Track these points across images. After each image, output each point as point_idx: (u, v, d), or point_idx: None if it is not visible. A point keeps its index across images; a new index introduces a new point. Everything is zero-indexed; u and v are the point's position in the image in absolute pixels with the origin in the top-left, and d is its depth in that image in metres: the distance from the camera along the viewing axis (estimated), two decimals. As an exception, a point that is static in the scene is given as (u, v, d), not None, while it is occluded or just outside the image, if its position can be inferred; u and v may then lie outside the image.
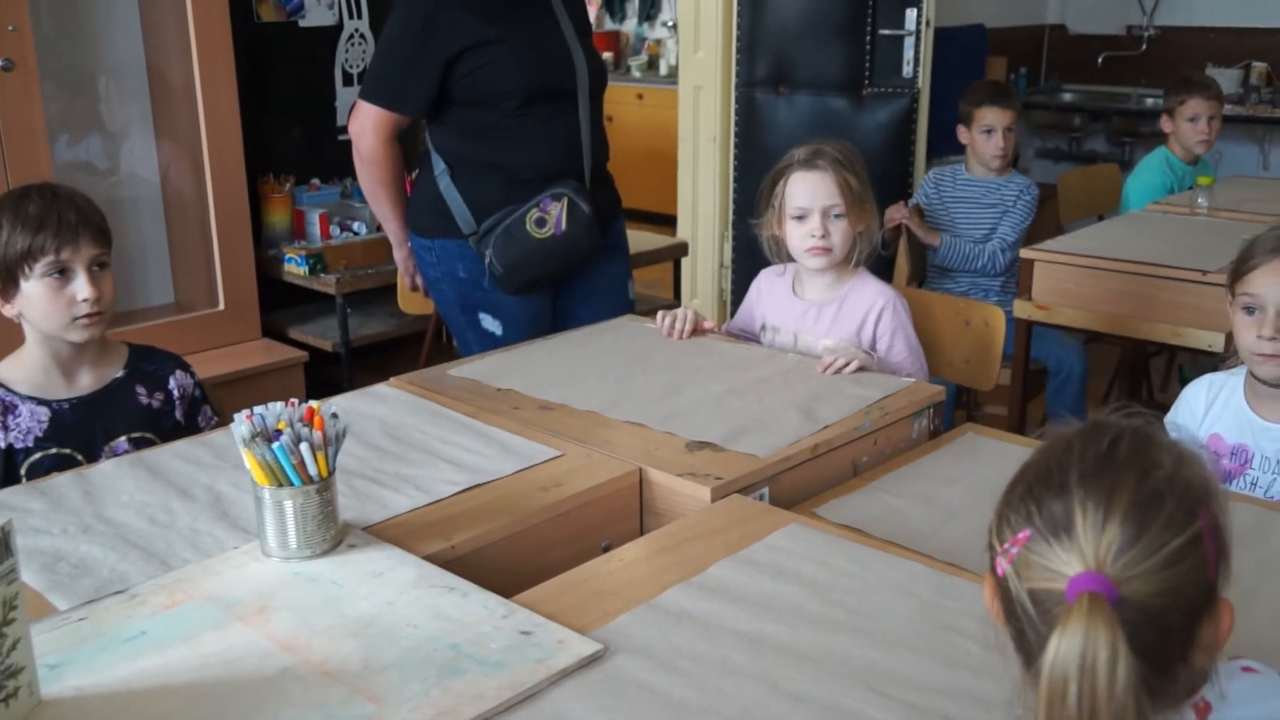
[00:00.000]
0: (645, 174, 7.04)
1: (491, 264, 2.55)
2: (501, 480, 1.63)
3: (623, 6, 7.91)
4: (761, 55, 4.37)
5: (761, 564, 1.39)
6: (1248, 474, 1.91)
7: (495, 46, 2.49)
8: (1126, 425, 0.93)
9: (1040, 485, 0.90)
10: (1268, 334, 1.81)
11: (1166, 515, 0.85)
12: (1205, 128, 3.70)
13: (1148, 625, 0.84)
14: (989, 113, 3.35)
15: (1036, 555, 0.87)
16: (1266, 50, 5.53)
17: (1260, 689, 0.98)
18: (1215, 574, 0.88)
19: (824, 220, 2.17)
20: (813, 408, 1.88)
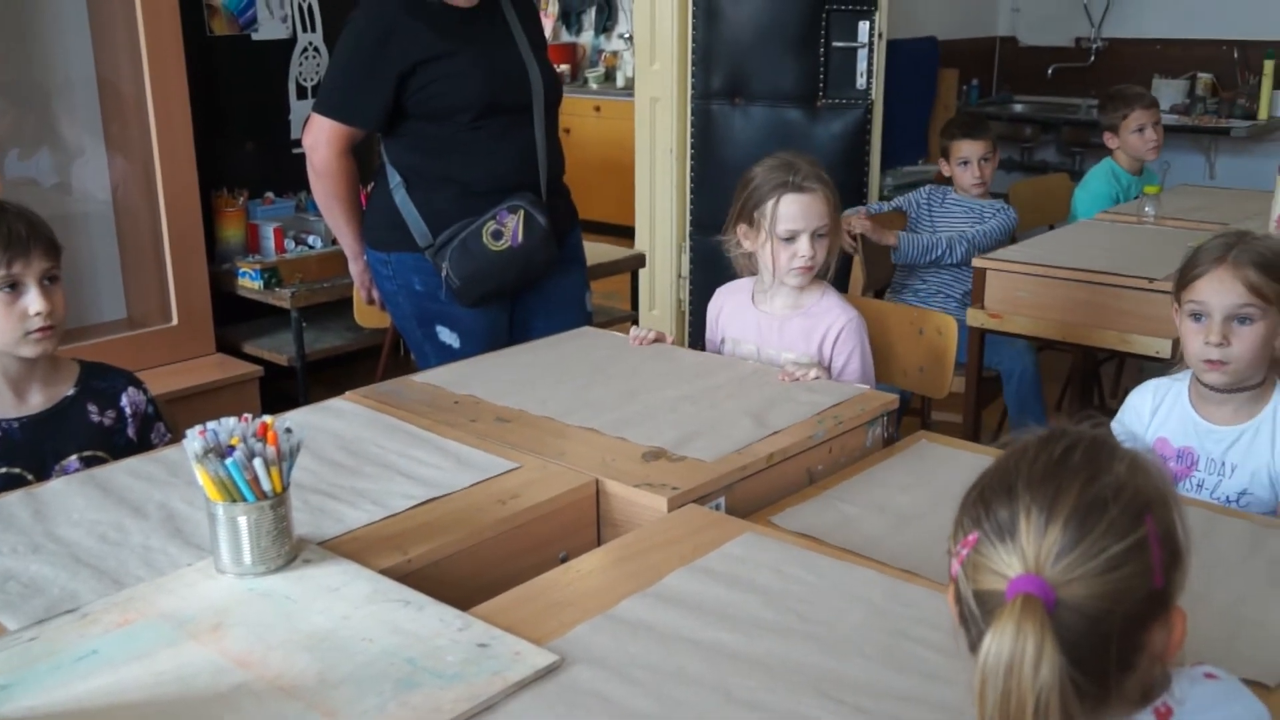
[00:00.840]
0: (603, 186, 7.06)
1: (448, 277, 2.55)
2: (458, 493, 1.63)
3: (579, 19, 7.93)
4: (717, 67, 4.40)
5: (717, 573, 1.40)
6: (1194, 476, 1.94)
7: (449, 60, 2.49)
8: (1084, 433, 0.95)
9: (991, 490, 0.92)
10: (1214, 340, 1.83)
11: (1109, 521, 0.87)
12: (1153, 135, 3.77)
13: (1086, 629, 0.86)
14: (963, 145, 3.47)
15: (983, 557, 0.89)
16: (1211, 61, 5.64)
17: (1221, 695, 1.00)
18: (1163, 581, 0.89)
19: (813, 241, 2.21)
20: (765, 414, 1.90)
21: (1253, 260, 1.82)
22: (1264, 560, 1.52)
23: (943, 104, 5.59)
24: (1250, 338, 1.82)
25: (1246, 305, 1.82)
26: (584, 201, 8.24)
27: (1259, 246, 1.85)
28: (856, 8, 4.25)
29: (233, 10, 3.66)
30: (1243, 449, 1.89)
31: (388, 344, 3.50)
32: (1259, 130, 5.36)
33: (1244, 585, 1.45)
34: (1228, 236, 1.89)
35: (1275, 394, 1.89)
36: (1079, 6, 5.94)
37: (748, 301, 2.34)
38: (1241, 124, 5.29)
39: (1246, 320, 1.83)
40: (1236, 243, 1.86)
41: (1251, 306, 1.82)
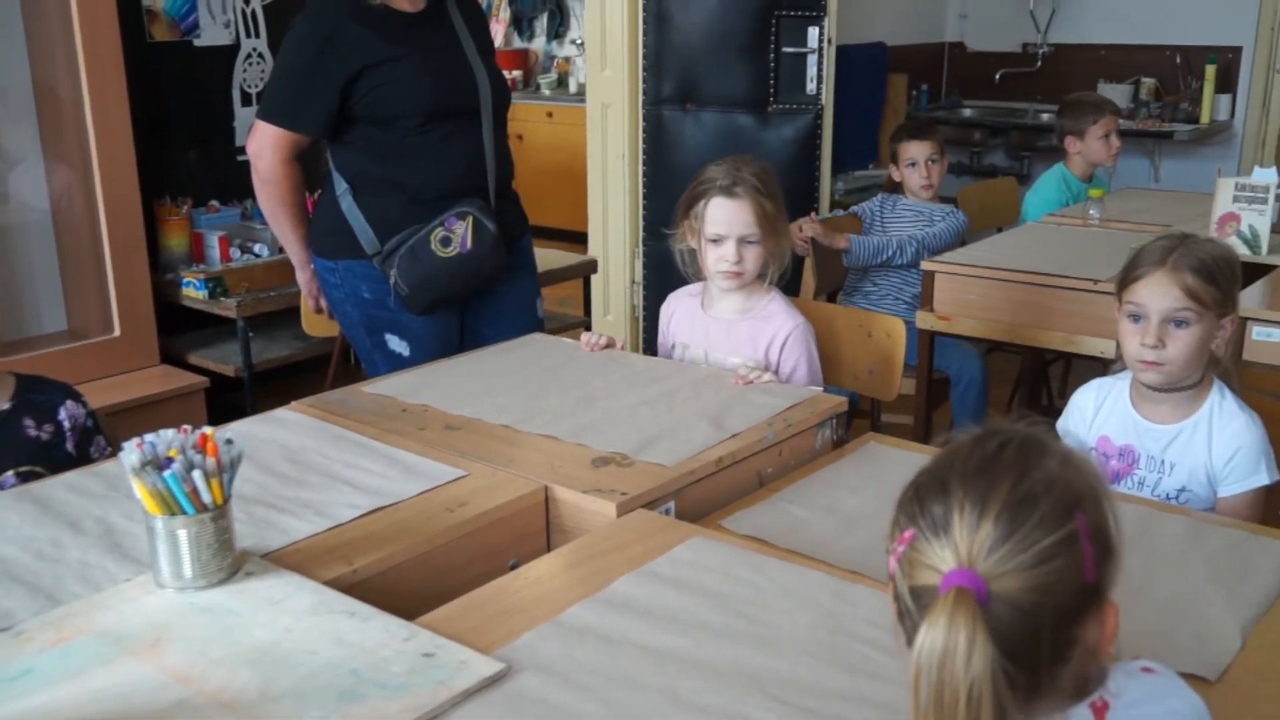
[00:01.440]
0: (556, 191, 7.05)
1: (396, 284, 2.53)
2: (405, 502, 1.61)
3: (531, 25, 7.91)
4: (668, 73, 4.40)
5: (665, 577, 1.39)
6: (1135, 474, 1.97)
7: (395, 65, 2.47)
8: (1017, 431, 0.96)
9: (926, 487, 0.93)
10: (1150, 342, 1.86)
11: (1040, 515, 0.88)
12: (1117, 141, 3.85)
13: (1018, 621, 0.87)
14: (910, 146, 3.51)
15: (918, 553, 0.90)
16: (1155, 66, 5.73)
17: (1158, 689, 1.01)
18: (1095, 575, 0.90)
19: (739, 246, 2.20)
20: (722, 417, 1.90)
21: (1191, 265, 1.85)
22: (1202, 556, 1.54)
23: (892, 109, 5.64)
24: (1186, 340, 1.85)
25: (1183, 309, 1.84)
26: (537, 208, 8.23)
27: (1199, 252, 1.87)
28: (806, 13, 4.27)
29: (173, 16, 3.61)
30: (1181, 447, 1.92)
31: (336, 353, 3.47)
32: (1201, 134, 5.45)
33: (1183, 581, 1.47)
34: (1170, 239, 1.91)
35: (1211, 393, 1.92)
36: (1025, 12, 6.01)
37: (697, 306, 2.35)
38: (1184, 128, 5.38)
39: (1183, 324, 1.85)
40: (1177, 246, 1.88)
41: (1188, 310, 1.84)
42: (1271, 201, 2.93)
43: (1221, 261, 1.87)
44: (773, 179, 2.26)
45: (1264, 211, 2.93)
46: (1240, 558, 1.54)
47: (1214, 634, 1.34)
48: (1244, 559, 1.54)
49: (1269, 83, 5.47)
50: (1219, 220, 2.99)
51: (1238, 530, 1.64)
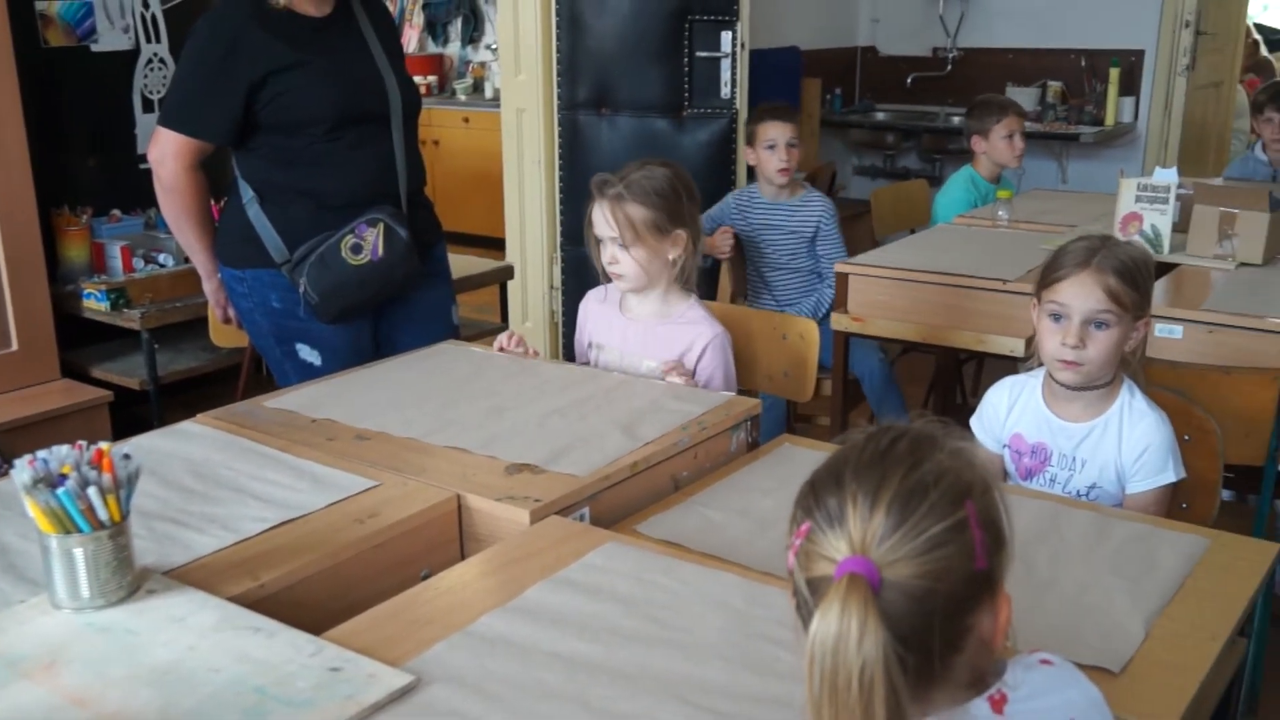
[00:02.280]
0: (474, 197, 7.01)
1: (306, 293, 2.49)
2: (314, 514, 1.58)
3: (445, 29, 7.86)
4: (582, 78, 4.40)
5: (578, 584, 1.38)
6: (1047, 471, 2.00)
7: (301, 70, 2.44)
8: (910, 427, 0.98)
9: (821, 481, 0.96)
10: (1072, 342, 1.87)
11: (930, 504, 0.91)
12: (1020, 142, 3.90)
13: (911, 608, 0.89)
14: (770, 128, 3.44)
15: (814, 545, 0.92)
16: (1061, 70, 5.86)
17: (1056, 680, 1.03)
18: (986, 563, 0.93)
19: (614, 249, 2.22)
20: (635, 425, 1.89)
21: (1114, 267, 1.87)
22: (1108, 549, 1.57)
23: (807, 112, 5.69)
24: (1105, 342, 1.87)
25: (1104, 311, 1.86)
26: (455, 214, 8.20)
27: (1121, 254, 1.89)
28: (718, 18, 4.29)
29: (69, 21, 3.51)
30: (1092, 445, 1.95)
31: (247, 363, 3.40)
32: (1106, 135, 5.59)
33: (1089, 574, 1.50)
34: (1092, 240, 1.93)
35: (1122, 392, 1.95)
36: (935, 18, 6.11)
37: (615, 306, 2.35)
38: (1090, 130, 5.51)
39: (1103, 325, 1.87)
40: (1100, 248, 1.90)
41: (1109, 312, 1.86)
42: (1172, 201, 3.01)
43: (1141, 264, 1.91)
44: (665, 182, 2.24)
45: (1165, 211, 3.01)
46: (1145, 551, 1.57)
47: (1118, 626, 1.37)
48: (1148, 552, 1.57)
49: (1170, 85, 5.63)
50: (1122, 220, 3.06)
51: (1142, 524, 1.67)
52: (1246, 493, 3.36)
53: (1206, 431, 2.00)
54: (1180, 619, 1.40)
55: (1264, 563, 1.56)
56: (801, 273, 3.49)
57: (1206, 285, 2.75)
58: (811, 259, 3.46)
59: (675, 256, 2.25)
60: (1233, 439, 2.07)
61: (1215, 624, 1.39)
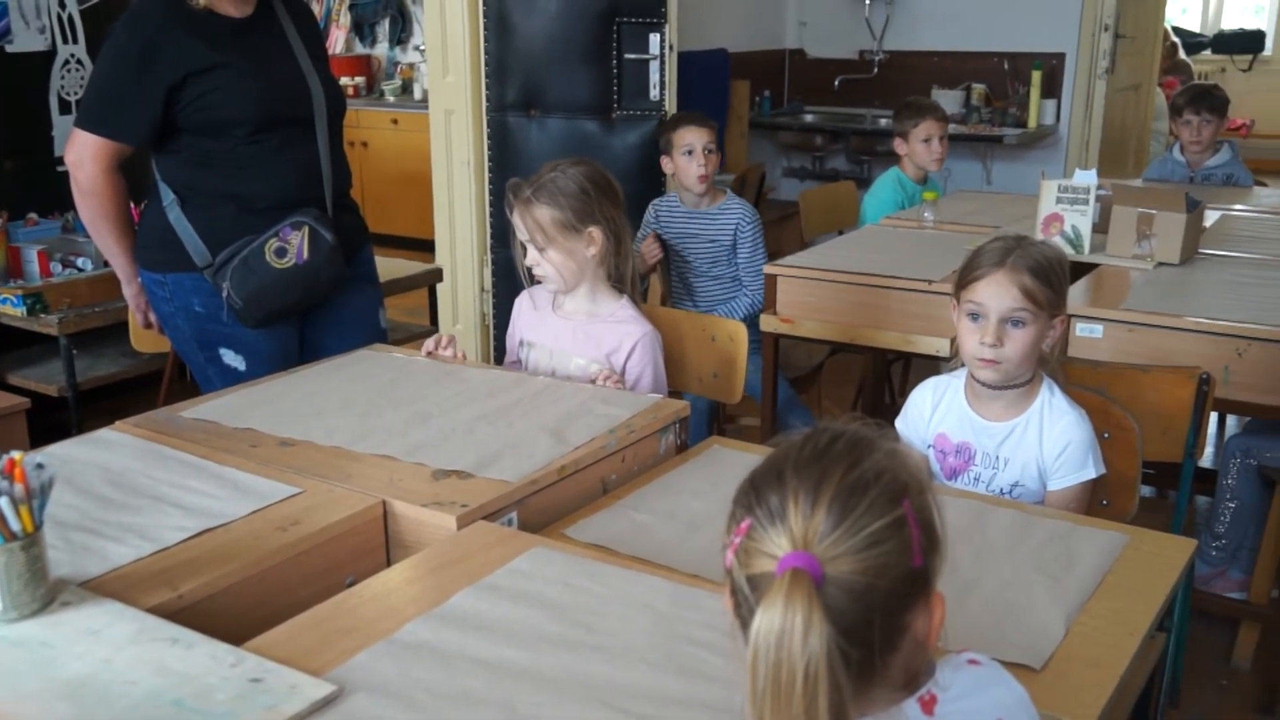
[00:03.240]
0: (404, 200, 6.95)
1: (229, 297, 2.45)
2: (236, 522, 1.55)
3: (373, 30, 7.78)
4: (511, 79, 4.38)
5: (503, 589, 1.37)
6: (971, 470, 2.03)
7: (221, 71, 2.39)
8: (847, 428, 1.00)
9: (762, 478, 0.96)
10: (989, 341, 1.90)
11: (870, 501, 0.92)
12: (938, 147, 3.94)
13: (851, 603, 0.90)
14: (687, 133, 3.40)
15: (755, 541, 0.92)
16: (984, 73, 5.95)
17: (983, 680, 1.04)
18: (922, 561, 0.94)
19: (534, 251, 2.24)
20: (564, 429, 1.88)
21: (1028, 266, 1.90)
22: (1030, 547, 1.60)
23: (736, 115, 5.73)
24: (1022, 340, 1.90)
25: (1020, 309, 1.89)
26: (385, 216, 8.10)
27: (1035, 253, 1.92)
28: (646, 20, 4.30)
29: (-18, 21, 3.43)
30: (1014, 443, 1.98)
31: (169, 369, 3.33)
32: (1029, 137, 5.69)
33: (1011, 572, 1.52)
34: (1007, 240, 1.96)
35: (1042, 390, 1.99)
36: (861, 21, 6.18)
37: (548, 304, 2.35)
38: (1013, 132, 5.60)
39: (1019, 324, 1.90)
40: (1015, 248, 1.93)
41: (1024, 311, 1.89)
42: (1092, 202, 3.07)
43: (1055, 263, 1.94)
44: (574, 182, 2.24)
45: (1085, 212, 3.07)
46: (1066, 548, 1.60)
47: (1040, 624, 1.39)
48: (1069, 549, 1.60)
49: (1091, 87, 5.74)
50: (1044, 221, 3.11)
51: (1063, 522, 1.70)
52: (1166, 489, 3.44)
53: (1125, 429, 2.03)
54: (1100, 615, 1.43)
55: (1181, 558, 1.60)
56: (724, 280, 3.49)
57: (1126, 285, 2.81)
58: (733, 266, 3.46)
59: (593, 254, 2.25)
60: (1151, 436, 2.11)
61: (1134, 620, 1.42)
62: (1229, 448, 2.88)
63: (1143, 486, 3.58)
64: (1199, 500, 3.46)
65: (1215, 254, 3.10)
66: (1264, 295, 2.64)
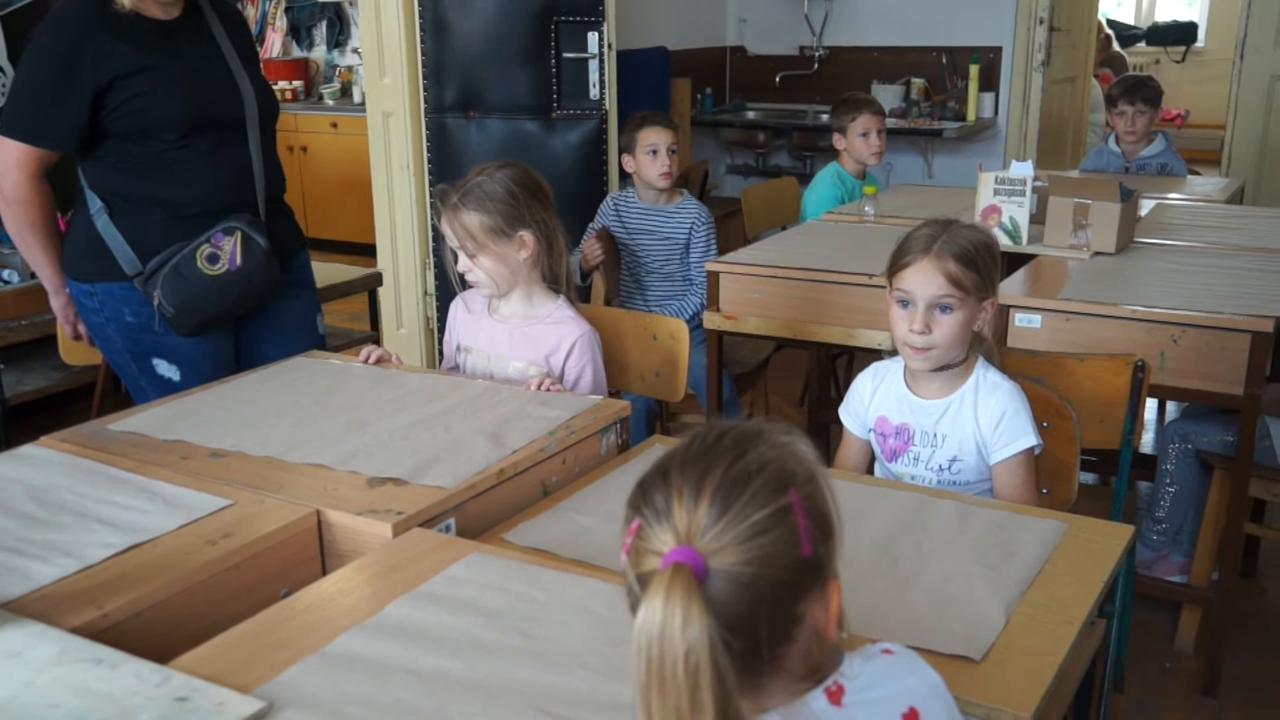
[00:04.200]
0: (345, 203, 6.88)
1: (161, 305, 2.40)
2: (164, 537, 1.52)
3: (310, 33, 7.69)
4: (449, 81, 4.34)
5: (439, 597, 1.35)
6: (911, 450, 2.04)
7: (149, 75, 2.34)
8: (737, 424, 1.00)
9: (649, 479, 0.97)
10: (918, 328, 1.93)
11: (752, 492, 0.92)
12: (876, 141, 3.95)
13: (737, 595, 0.90)
14: (651, 133, 3.45)
15: (643, 541, 0.93)
16: (923, 67, 5.99)
17: (895, 668, 1.04)
18: (812, 550, 0.94)
19: (464, 257, 2.22)
20: (501, 433, 1.86)
21: (953, 253, 1.92)
22: (970, 537, 1.60)
23: (678, 112, 5.72)
24: (950, 325, 1.93)
25: (947, 296, 1.92)
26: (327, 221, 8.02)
27: (960, 239, 1.95)
28: (584, 19, 4.28)
29: (-102, 27, 3.34)
30: (951, 419, 2.01)
31: (101, 381, 3.27)
32: (968, 130, 5.73)
33: (952, 563, 1.52)
34: (933, 227, 1.98)
35: (976, 368, 2.01)
36: (801, 17, 6.20)
37: (484, 308, 2.33)
38: (952, 125, 5.64)
39: (947, 309, 1.93)
40: (940, 234, 1.95)
41: (951, 297, 1.92)
42: (1029, 193, 3.09)
43: (981, 247, 1.96)
44: (502, 185, 2.22)
45: (1022, 203, 3.09)
46: (1005, 538, 1.60)
47: (979, 614, 1.39)
48: (1008, 538, 1.60)
49: (1028, 80, 5.80)
50: (982, 213, 3.14)
51: (1001, 511, 1.71)
52: (1108, 475, 3.49)
53: (1064, 417, 2.05)
54: (1039, 604, 1.43)
55: (1119, 545, 1.61)
56: (675, 278, 3.50)
57: (1063, 275, 2.83)
58: (685, 265, 3.48)
59: (525, 257, 2.23)
60: (1089, 424, 2.13)
61: (1072, 608, 1.42)
62: (1167, 433, 2.91)
63: (1084, 473, 3.62)
64: (1141, 485, 3.50)
65: (1150, 243, 3.13)
66: (1198, 282, 2.67)
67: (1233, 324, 2.37)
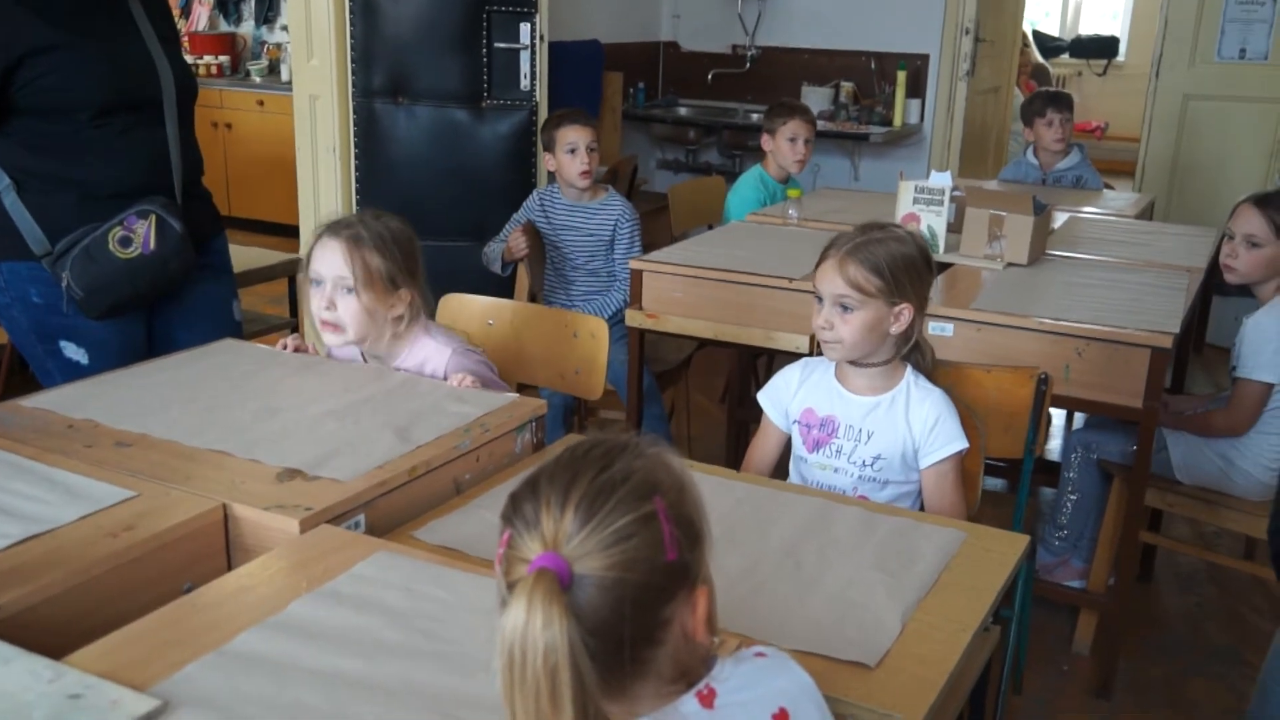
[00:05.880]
0: (269, 183, 6.78)
1: (70, 287, 2.35)
2: (63, 528, 1.49)
3: (238, 8, 7.56)
4: (378, 65, 4.30)
5: (344, 596, 1.35)
6: (834, 442, 2.10)
7: (63, 52, 2.30)
8: (608, 437, 1.03)
9: (520, 491, 1.00)
10: (820, 324, 2.04)
11: (617, 499, 0.95)
12: (802, 148, 4.00)
13: (602, 599, 0.93)
14: (570, 131, 3.46)
15: (513, 550, 0.96)
16: (853, 71, 6.07)
17: (766, 671, 1.07)
18: (677, 555, 0.97)
19: (338, 292, 2.10)
20: (410, 428, 1.85)
21: (857, 257, 2.01)
22: (873, 543, 1.64)
23: (609, 106, 5.73)
24: (853, 322, 2.01)
25: (845, 296, 2.01)
26: (250, 200, 7.89)
27: (874, 246, 2.02)
28: (517, 9, 4.27)
29: None
30: (879, 417, 2.07)
31: (5, 362, 3.19)
32: (894, 135, 5.81)
33: (854, 569, 1.55)
34: (858, 230, 2.06)
35: (906, 372, 2.09)
36: (734, 16, 6.23)
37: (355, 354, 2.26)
38: (879, 130, 5.72)
39: (847, 308, 2.01)
40: (856, 238, 2.04)
41: (849, 297, 2.00)
42: (947, 203, 3.15)
43: (897, 257, 2.02)
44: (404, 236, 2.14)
45: (940, 212, 3.15)
46: (906, 545, 1.64)
47: (876, 621, 1.42)
48: (910, 546, 1.64)
49: (953, 89, 5.90)
50: (901, 220, 3.19)
51: (904, 519, 1.75)
52: (1015, 481, 3.57)
53: (969, 427, 2.10)
54: (934, 611, 1.47)
55: (1014, 554, 1.66)
56: (600, 274, 3.52)
57: (977, 284, 2.89)
58: (610, 261, 3.50)
59: (395, 315, 2.14)
60: (995, 433, 2.19)
61: (965, 616, 1.46)
62: (1070, 442, 3.00)
63: (993, 479, 3.72)
64: (1046, 492, 3.60)
65: (1062, 255, 3.21)
66: (1103, 296, 2.75)
67: (1134, 339, 2.45)
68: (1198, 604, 3.21)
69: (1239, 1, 5.11)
